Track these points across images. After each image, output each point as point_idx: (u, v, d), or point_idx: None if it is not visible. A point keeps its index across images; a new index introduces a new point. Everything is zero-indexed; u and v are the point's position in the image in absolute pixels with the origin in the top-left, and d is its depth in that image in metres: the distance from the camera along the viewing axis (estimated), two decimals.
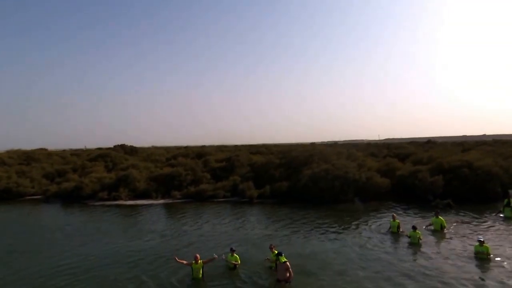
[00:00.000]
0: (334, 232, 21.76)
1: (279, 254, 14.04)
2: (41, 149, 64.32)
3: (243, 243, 19.92)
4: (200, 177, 39.91)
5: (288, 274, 13.60)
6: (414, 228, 19.21)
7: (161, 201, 35.33)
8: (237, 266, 15.86)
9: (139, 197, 36.82)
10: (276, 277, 13.99)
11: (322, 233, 21.62)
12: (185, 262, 15.20)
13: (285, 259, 13.86)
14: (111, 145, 68.20)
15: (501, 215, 23.96)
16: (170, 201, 35.51)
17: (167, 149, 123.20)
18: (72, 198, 37.23)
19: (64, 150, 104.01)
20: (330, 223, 24.35)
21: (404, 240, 19.37)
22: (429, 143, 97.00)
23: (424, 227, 21.46)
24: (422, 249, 17.77)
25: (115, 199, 35.89)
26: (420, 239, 18.74)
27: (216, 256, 15.57)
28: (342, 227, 23.09)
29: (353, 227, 23.00)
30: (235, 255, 16.12)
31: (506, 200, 24.12)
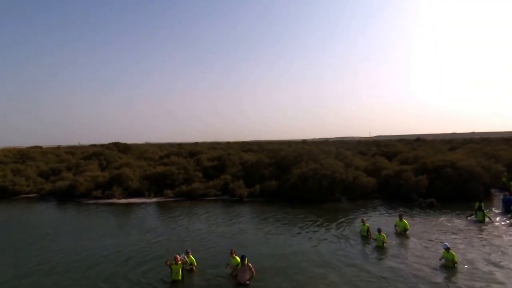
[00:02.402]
0: (308, 233, 22.40)
1: (243, 257, 14.68)
2: (36, 146, 64.91)
3: (226, 242, 20.75)
4: (192, 176, 40.68)
5: (248, 276, 14.31)
6: (379, 230, 19.51)
7: (154, 200, 36.10)
8: (194, 268, 16.14)
9: (132, 195, 37.54)
10: (237, 281, 14.46)
11: (296, 234, 22.25)
12: (168, 262, 15.35)
13: (247, 261, 14.58)
14: (106, 141, 68.80)
15: (474, 218, 24.26)
16: (163, 199, 36.27)
17: (160, 146, 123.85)
18: (67, 197, 37.99)
19: (58, 147, 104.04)
20: (308, 222, 25.01)
21: (372, 244, 19.65)
22: (418, 141, 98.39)
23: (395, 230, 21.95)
24: (387, 253, 18.06)
25: (108, 198, 36.62)
26: (385, 242, 19.07)
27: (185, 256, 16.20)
28: (318, 228, 23.52)
29: (328, 228, 23.47)
30: (191, 256, 16.41)
31: (477, 204, 24.24)
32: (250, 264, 14.53)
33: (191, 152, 59.66)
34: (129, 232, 23.63)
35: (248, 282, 14.28)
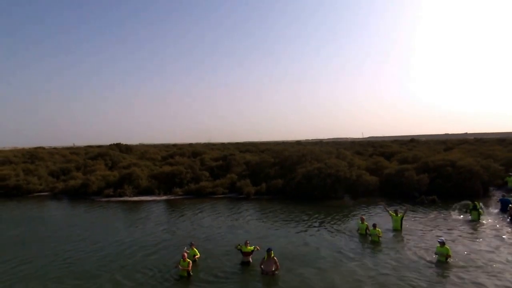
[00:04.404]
0: (313, 228, 23.34)
1: (269, 249, 15.58)
2: (39, 147, 65.73)
3: (236, 235, 21.98)
4: (199, 175, 41.90)
5: (274, 268, 15.19)
6: (374, 226, 20.31)
7: (164, 197, 37.24)
8: (197, 259, 16.75)
9: (142, 193, 38.65)
10: (262, 271, 15.33)
11: (302, 228, 23.24)
12: (176, 266, 15.64)
13: (273, 255, 15.47)
14: (100, 142, 69.89)
15: (468, 217, 24.75)
16: (172, 197, 37.41)
17: (155, 146, 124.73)
18: (79, 195, 39.09)
19: (55, 148, 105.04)
20: (313, 218, 26.06)
21: (369, 239, 20.38)
22: (413, 142, 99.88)
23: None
24: (385, 247, 18.82)
25: (120, 196, 37.69)
26: (380, 237, 19.84)
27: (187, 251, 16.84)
28: (322, 223, 24.60)
29: (332, 223, 24.48)
30: (194, 248, 17.15)
31: (471, 205, 24.80)
32: (275, 258, 15.45)
33: (193, 152, 60.89)
34: (143, 227, 24.90)
35: (273, 273, 15.13)
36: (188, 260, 15.47)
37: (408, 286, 13.78)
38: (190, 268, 15.32)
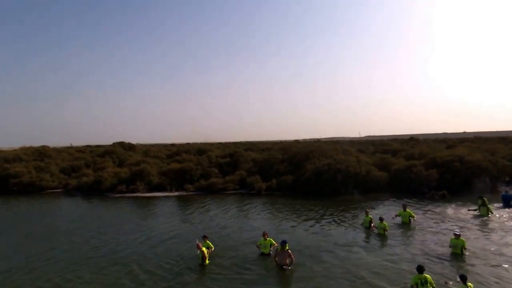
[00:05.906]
0: (319, 222, 23.75)
1: (284, 242, 15.46)
2: (44, 146, 66.11)
3: (250, 229, 22.45)
4: (209, 171, 42.40)
5: (289, 261, 15.16)
6: (381, 219, 20.49)
7: (176, 194, 37.80)
8: (209, 252, 16.71)
9: (154, 190, 39.21)
10: (277, 264, 15.35)
11: (313, 223, 23.62)
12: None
13: (288, 247, 15.40)
14: (97, 142, 70.23)
15: (477, 213, 24.77)
16: (184, 193, 37.96)
17: (155, 146, 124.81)
18: (92, 191, 39.57)
19: (54, 148, 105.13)
20: (323, 213, 26.50)
21: (375, 232, 20.65)
22: (412, 140, 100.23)
23: (392, 217, 23.01)
24: (389, 242, 18.78)
25: (133, 192, 38.31)
26: (386, 231, 19.99)
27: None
28: (332, 218, 24.79)
29: (342, 218, 24.80)
30: (207, 241, 17.34)
31: (480, 201, 24.87)
32: (290, 251, 15.46)
33: (199, 149, 61.34)
34: (159, 220, 25.61)
35: (288, 267, 15.08)
36: (203, 248, 15.87)
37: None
38: (205, 257, 15.74)
